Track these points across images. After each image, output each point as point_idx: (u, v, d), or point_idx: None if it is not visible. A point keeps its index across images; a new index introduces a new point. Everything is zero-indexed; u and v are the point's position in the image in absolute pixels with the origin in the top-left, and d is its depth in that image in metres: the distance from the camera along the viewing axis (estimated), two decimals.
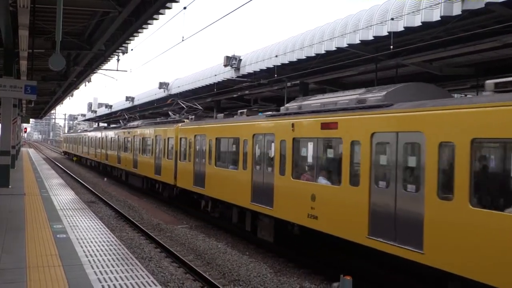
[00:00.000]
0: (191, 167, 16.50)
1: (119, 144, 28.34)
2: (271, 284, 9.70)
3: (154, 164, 20.78)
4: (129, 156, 25.41)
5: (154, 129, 21.54)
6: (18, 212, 11.13)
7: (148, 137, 22.25)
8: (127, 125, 28.70)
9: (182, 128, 18.06)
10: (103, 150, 33.63)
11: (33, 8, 12.03)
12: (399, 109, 8.08)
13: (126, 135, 26.85)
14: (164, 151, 19.65)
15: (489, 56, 13.39)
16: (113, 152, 29.89)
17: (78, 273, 6.44)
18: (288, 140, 10.90)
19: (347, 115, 9.16)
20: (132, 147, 25.02)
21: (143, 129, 23.61)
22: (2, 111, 16.18)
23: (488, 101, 6.69)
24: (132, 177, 25.73)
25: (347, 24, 13.12)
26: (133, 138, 24.87)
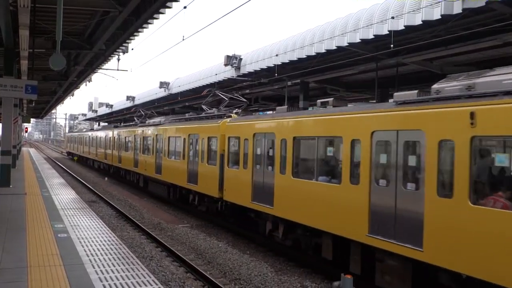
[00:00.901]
0: (248, 176, 12.71)
1: (136, 144, 24.61)
2: (272, 283, 9.70)
3: (186, 170, 17.04)
4: (150, 160, 21.72)
5: (187, 127, 17.79)
6: (19, 212, 11.14)
7: (177, 136, 18.59)
8: (146, 123, 25.03)
9: (232, 125, 14.19)
10: (115, 151, 29.85)
11: (34, 8, 12.03)
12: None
13: (145, 134, 23.18)
14: (202, 154, 15.89)
15: (490, 54, 13.38)
16: (128, 154, 26.33)
17: (79, 273, 6.44)
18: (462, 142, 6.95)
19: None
20: (153, 149, 21.44)
21: (169, 126, 20.03)
22: (3, 110, 16.19)
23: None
24: (153, 184, 22.00)
25: (348, 23, 13.11)
26: (155, 137, 21.26)
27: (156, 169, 20.71)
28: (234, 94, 18.18)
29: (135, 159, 24.63)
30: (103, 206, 19.46)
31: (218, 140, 14.77)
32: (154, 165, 20.95)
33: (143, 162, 23.08)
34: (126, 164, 26.79)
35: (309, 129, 10.62)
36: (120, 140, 28.46)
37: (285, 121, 11.50)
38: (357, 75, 18.15)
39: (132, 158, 25.31)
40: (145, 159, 22.63)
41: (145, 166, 22.61)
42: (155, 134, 21.32)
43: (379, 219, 8.30)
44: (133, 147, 25.31)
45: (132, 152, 25.34)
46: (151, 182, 22.39)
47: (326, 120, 9.98)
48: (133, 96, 38.16)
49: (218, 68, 21.63)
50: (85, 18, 14.81)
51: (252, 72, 18.92)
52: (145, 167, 22.53)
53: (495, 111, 6.51)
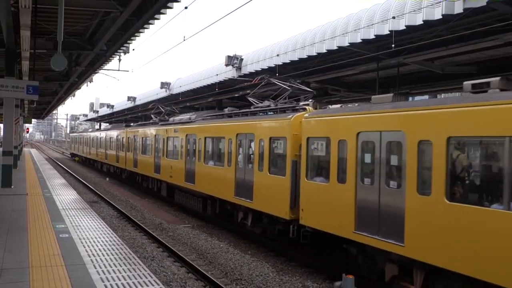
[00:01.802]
0: (349, 194, 9.09)
1: (157, 146, 21.16)
2: (273, 283, 9.70)
3: (234, 180, 13.50)
4: (178, 165, 18.26)
5: (233, 125, 14.12)
6: (20, 212, 11.16)
7: (217, 136, 15.17)
8: (169, 120, 21.77)
9: (314, 120, 10.47)
10: (129, 153, 26.35)
11: (35, 9, 12.05)
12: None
13: (169, 134, 19.71)
14: (259, 160, 12.26)
15: (491, 54, 13.36)
16: (146, 157, 22.77)
17: (81, 273, 6.45)
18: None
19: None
20: (182, 152, 17.95)
21: (204, 124, 16.40)
22: (4, 111, 16.21)
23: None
24: (182, 194, 18.61)
25: (349, 23, 13.10)
26: (185, 138, 17.75)
27: (186, 177, 17.23)
28: (295, 82, 14.13)
29: (156, 163, 21.01)
30: (105, 206, 19.47)
31: (289, 142, 11.07)
32: (184, 172, 17.40)
33: (167, 167, 19.50)
34: (144, 169, 23.18)
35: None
36: (136, 141, 25.00)
37: (430, 114, 7.57)
38: (358, 75, 18.14)
39: (151, 163, 21.74)
40: (171, 164, 19.03)
41: (170, 173, 19.01)
42: (184, 134, 17.79)
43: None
44: (153, 149, 21.83)
45: (152, 155, 21.72)
46: (179, 192, 18.87)
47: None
48: (134, 97, 38.16)
49: (219, 68, 21.63)
50: (86, 19, 14.82)
51: (253, 72, 18.91)
52: (171, 173, 18.91)
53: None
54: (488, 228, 6.49)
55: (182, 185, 17.72)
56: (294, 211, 10.82)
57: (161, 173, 20.27)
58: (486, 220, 6.52)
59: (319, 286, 9.66)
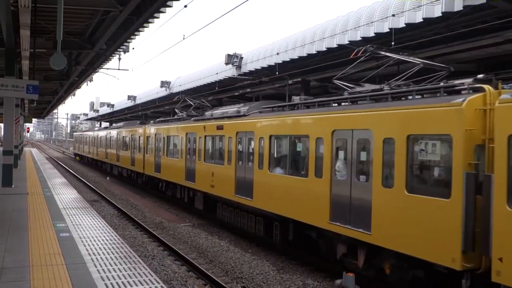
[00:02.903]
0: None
1: (190, 147, 17.68)
2: (274, 282, 9.71)
3: (327, 198, 9.67)
4: (223, 172, 14.49)
5: (328, 117, 10.03)
6: (21, 211, 11.17)
7: (298, 135, 11.21)
8: (205, 115, 17.63)
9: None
10: (149, 155, 22.83)
11: (34, 8, 12.04)
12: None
13: (209, 132, 15.88)
14: (386, 170, 8.47)
15: (491, 51, 13.33)
16: (174, 160, 19.28)
17: (81, 272, 6.46)
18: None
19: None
20: (230, 155, 14.06)
21: (269, 119, 12.40)
22: (5, 111, 16.22)
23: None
24: (230, 210, 14.55)
25: (348, 21, 13.09)
26: (235, 137, 13.83)
27: (238, 189, 13.45)
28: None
29: (189, 168, 17.49)
30: (105, 205, 19.50)
31: (459, 143, 7.09)
32: (234, 182, 13.68)
33: (205, 174, 15.73)
34: (171, 175, 19.65)
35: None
36: (159, 141, 21.53)
37: None
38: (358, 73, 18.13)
39: (181, 167, 18.20)
40: (212, 170, 15.30)
41: (210, 181, 15.29)
42: (233, 132, 13.99)
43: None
44: (183, 151, 18.31)
45: (183, 158, 18.19)
46: (225, 207, 14.94)
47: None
48: (134, 96, 38.14)
49: (219, 67, 21.62)
50: (86, 18, 14.82)
51: (253, 70, 18.90)
52: (212, 182, 15.15)
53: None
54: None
55: (231, 199, 13.83)
56: (470, 257, 6.89)
57: (197, 181, 16.50)
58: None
59: (320, 284, 9.67)
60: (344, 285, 7.98)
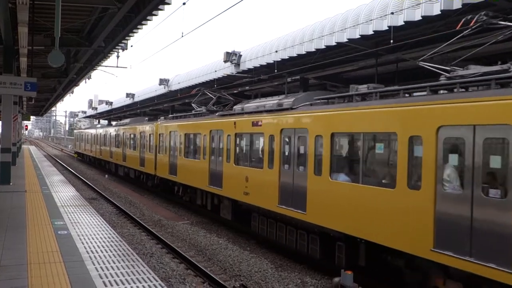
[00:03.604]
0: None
1: (215, 146, 15.22)
2: (272, 279, 9.72)
3: (431, 215, 7.31)
4: (261, 177, 12.12)
5: (433, 108, 7.55)
6: (19, 209, 11.16)
7: (382, 133, 8.85)
8: (234, 110, 14.69)
9: None
10: (162, 155, 20.36)
11: (32, 5, 12.00)
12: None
13: (242, 129, 13.38)
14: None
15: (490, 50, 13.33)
16: (195, 162, 16.70)
17: (79, 270, 6.45)
18: None
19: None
20: (273, 157, 11.73)
21: (329, 112, 9.95)
22: (3, 108, 16.19)
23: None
24: (270, 223, 12.15)
25: (347, 18, 13.07)
26: (279, 135, 11.51)
27: (283, 198, 11.14)
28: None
29: (214, 172, 15.00)
30: (103, 203, 19.48)
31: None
32: (277, 190, 11.33)
33: (237, 179, 13.31)
34: (190, 179, 17.03)
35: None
36: (175, 139, 19.22)
37: None
38: (357, 71, 18.11)
39: (203, 170, 15.73)
40: (246, 175, 12.82)
41: (244, 187, 12.82)
42: (277, 130, 11.63)
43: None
44: (206, 151, 15.78)
45: (206, 159, 15.67)
46: (261, 218, 12.56)
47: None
48: (133, 93, 38.08)
49: (218, 64, 21.58)
50: (84, 15, 14.77)
51: (252, 68, 18.87)
52: (246, 188, 12.69)
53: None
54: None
55: (272, 210, 11.48)
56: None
57: (224, 187, 14.08)
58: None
59: (318, 282, 9.68)
60: (342, 283, 7.99)
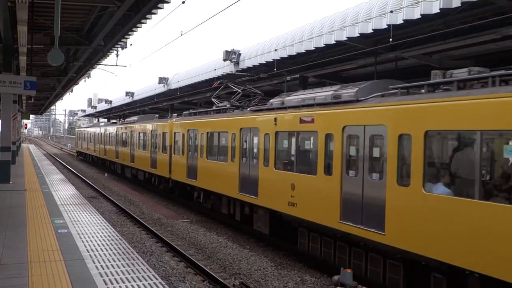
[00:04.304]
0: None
1: (247, 147, 13.19)
2: (272, 277, 9.74)
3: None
4: (314, 183, 10.11)
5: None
6: (19, 208, 11.17)
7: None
8: (271, 104, 12.59)
9: None
10: (179, 156, 18.34)
11: (32, 4, 12.00)
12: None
13: (290, 127, 11.26)
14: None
15: (489, 48, 13.35)
16: (221, 165, 14.63)
17: (80, 268, 6.47)
18: None
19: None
20: (332, 160, 9.58)
21: (424, 106, 7.66)
22: (2, 107, 16.20)
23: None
24: (323, 241, 10.29)
25: (346, 17, 13.07)
26: (341, 136, 9.35)
27: (346, 213, 9.11)
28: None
29: (246, 177, 13.00)
30: (103, 201, 19.50)
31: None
32: (339, 202, 9.27)
33: (276, 186, 11.48)
34: (214, 184, 15.12)
35: None
36: (194, 138, 17.08)
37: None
38: (356, 70, 18.13)
39: (232, 175, 13.67)
40: (291, 182, 10.83)
41: (287, 196, 10.90)
42: (337, 127, 9.46)
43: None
44: (235, 153, 13.65)
45: (234, 162, 13.67)
46: (312, 235, 10.66)
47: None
48: (132, 92, 38.10)
49: (217, 63, 21.58)
50: (84, 14, 14.76)
51: (251, 67, 18.88)
52: (292, 198, 10.74)
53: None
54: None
55: (331, 226, 9.48)
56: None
57: (261, 195, 12.11)
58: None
59: (317, 280, 9.70)
60: (342, 281, 8.01)
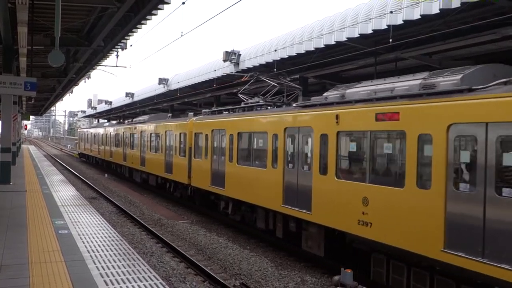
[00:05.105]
0: None
1: (296, 151, 10.88)
2: (273, 278, 9.75)
3: None
4: (393, 199, 7.80)
5: None
6: (19, 209, 11.18)
7: None
8: (324, 99, 10.46)
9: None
10: (202, 161, 16.12)
11: (32, 5, 12.00)
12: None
13: (347, 125, 9.18)
14: None
15: (489, 48, 13.37)
16: (252, 169, 12.77)
17: (80, 269, 6.48)
18: None
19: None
20: (431, 169, 7.14)
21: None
22: (2, 108, 16.20)
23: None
24: (413, 273, 7.72)
25: (346, 17, 13.09)
26: (442, 135, 6.98)
27: (457, 239, 6.68)
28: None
29: (292, 186, 10.83)
30: (103, 202, 19.50)
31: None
32: (443, 224, 6.91)
33: (339, 199, 9.16)
34: (248, 193, 12.85)
35: None
36: (220, 140, 14.88)
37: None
38: (356, 70, 18.15)
39: (274, 183, 11.48)
40: (363, 196, 8.51)
41: (357, 213, 8.61)
42: (440, 126, 7.10)
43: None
44: (278, 158, 11.41)
45: (277, 168, 11.42)
46: (394, 264, 8.23)
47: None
48: (132, 93, 38.11)
49: (217, 64, 21.59)
50: (84, 15, 14.77)
51: (251, 67, 18.89)
52: (364, 215, 8.44)
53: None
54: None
55: (428, 256, 7.17)
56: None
57: (316, 209, 9.80)
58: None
59: (318, 281, 9.71)
60: (342, 281, 8.02)
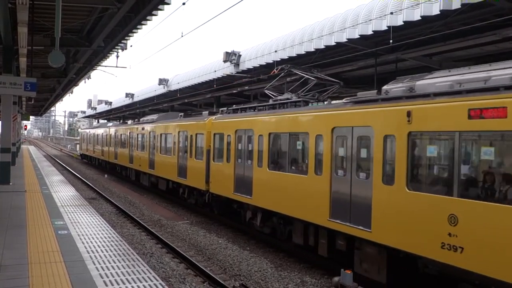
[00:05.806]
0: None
1: (349, 156, 8.93)
2: (272, 279, 9.74)
3: None
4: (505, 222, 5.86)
5: None
6: (19, 209, 11.16)
7: None
8: (393, 92, 8.38)
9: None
10: (221, 164, 14.51)
11: (32, 5, 12.01)
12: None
13: (426, 125, 7.19)
14: None
15: (489, 49, 13.38)
16: (289, 176, 11.01)
17: (80, 269, 6.47)
18: None
19: None
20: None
21: None
22: (2, 108, 16.19)
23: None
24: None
25: (347, 18, 13.10)
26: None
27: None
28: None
29: (343, 197, 9.10)
30: (103, 203, 19.49)
31: None
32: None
33: (414, 217, 7.28)
34: (282, 204, 11.18)
35: None
36: (247, 142, 13.16)
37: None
38: (357, 71, 18.15)
39: (318, 193, 9.83)
40: (450, 213, 6.66)
41: (441, 234, 6.77)
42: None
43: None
44: (324, 164, 9.63)
45: (323, 175, 9.69)
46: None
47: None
48: (132, 93, 38.13)
49: (217, 64, 21.61)
50: (84, 15, 14.78)
51: (251, 68, 18.91)
52: (452, 238, 6.60)
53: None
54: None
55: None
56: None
57: (376, 226, 8.07)
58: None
59: (317, 282, 9.69)
60: (342, 282, 8.01)
